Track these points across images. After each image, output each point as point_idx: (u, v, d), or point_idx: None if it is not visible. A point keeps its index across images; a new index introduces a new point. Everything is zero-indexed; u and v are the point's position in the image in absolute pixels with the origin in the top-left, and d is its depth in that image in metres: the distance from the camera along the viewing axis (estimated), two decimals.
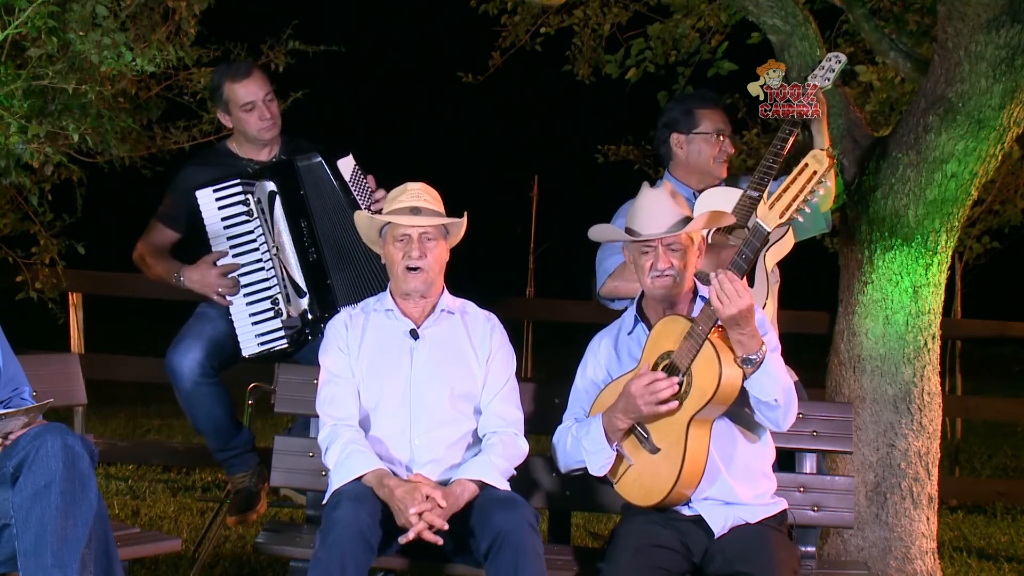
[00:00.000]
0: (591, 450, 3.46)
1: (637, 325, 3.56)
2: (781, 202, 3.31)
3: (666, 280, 3.42)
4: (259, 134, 4.31)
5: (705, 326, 3.28)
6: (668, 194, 3.46)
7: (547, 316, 7.57)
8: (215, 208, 4.21)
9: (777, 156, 3.91)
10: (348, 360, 3.63)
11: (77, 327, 6.12)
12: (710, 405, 3.29)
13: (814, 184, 3.27)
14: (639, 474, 3.42)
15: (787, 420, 3.38)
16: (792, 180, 3.30)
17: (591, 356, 3.65)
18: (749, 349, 3.27)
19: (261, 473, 4.42)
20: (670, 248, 3.41)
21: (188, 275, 4.24)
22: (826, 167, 3.25)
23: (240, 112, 4.29)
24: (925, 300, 4.37)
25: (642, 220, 3.44)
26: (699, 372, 3.29)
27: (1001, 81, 4.09)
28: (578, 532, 5.63)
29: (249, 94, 4.28)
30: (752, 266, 3.95)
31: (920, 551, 4.38)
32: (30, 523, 3.03)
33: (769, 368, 3.29)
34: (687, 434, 3.31)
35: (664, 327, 3.41)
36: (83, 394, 3.98)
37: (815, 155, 3.28)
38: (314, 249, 4.21)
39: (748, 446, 3.46)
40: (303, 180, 4.21)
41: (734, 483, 3.41)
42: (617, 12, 6.09)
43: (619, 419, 3.40)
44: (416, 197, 3.61)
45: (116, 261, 5.77)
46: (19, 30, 3.73)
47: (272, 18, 5.47)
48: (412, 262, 3.56)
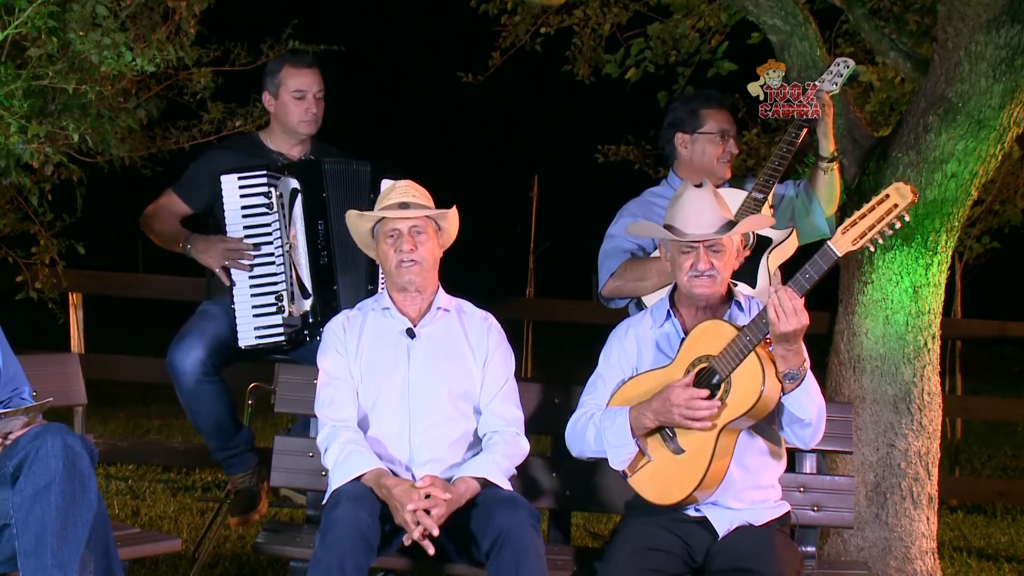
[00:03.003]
0: (614, 443, 3.43)
1: (669, 320, 3.52)
2: (856, 229, 3.22)
3: (706, 281, 3.40)
4: (298, 126, 4.33)
5: (754, 337, 3.24)
6: (712, 194, 3.44)
7: (547, 316, 7.58)
8: (237, 195, 4.21)
9: (783, 158, 3.91)
10: (346, 362, 3.63)
11: (77, 327, 6.12)
12: (745, 416, 3.27)
13: (893, 217, 3.19)
14: (657, 471, 3.39)
15: (815, 439, 3.38)
16: (871, 208, 3.21)
17: (616, 344, 3.59)
18: (792, 365, 3.24)
19: (260, 473, 4.41)
20: (711, 249, 3.39)
21: (195, 243, 4.25)
22: (908, 202, 3.17)
23: (289, 98, 4.31)
24: (925, 300, 4.37)
25: (686, 219, 3.40)
26: (740, 382, 3.26)
27: (1001, 81, 4.09)
28: (578, 532, 5.62)
29: (304, 84, 4.31)
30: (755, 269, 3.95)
31: (920, 551, 4.38)
32: (30, 523, 3.02)
33: (808, 386, 3.28)
34: (716, 442, 3.29)
35: (706, 330, 3.37)
36: (83, 394, 3.98)
37: (898, 188, 3.20)
38: (326, 252, 4.21)
39: (763, 457, 3.45)
40: (327, 182, 4.20)
41: (743, 492, 3.41)
42: (617, 12, 6.09)
43: (648, 418, 3.37)
44: (404, 193, 3.62)
45: (116, 261, 5.78)
46: (19, 30, 3.73)
47: (272, 18, 5.47)
48: (404, 256, 3.57)
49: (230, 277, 4.19)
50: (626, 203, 4.17)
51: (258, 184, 4.22)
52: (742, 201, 3.91)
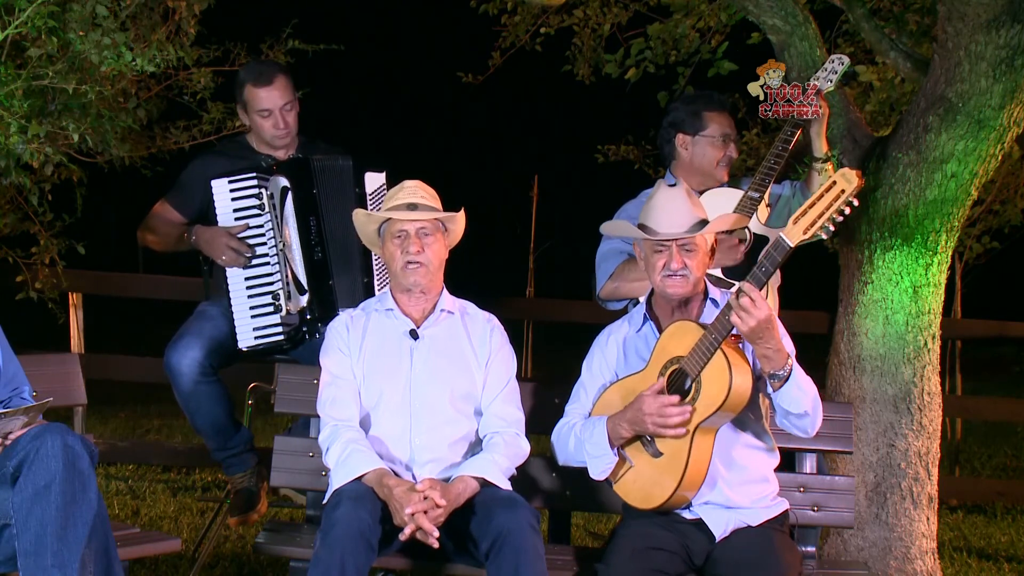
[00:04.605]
0: (594, 454, 3.45)
1: (646, 324, 3.53)
2: (806, 218, 3.21)
3: (678, 280, 3.40)
4: (272, 140, 4.35)
5: (719, 334, 3.24)
6: (685, 193, 3.43)
7: (547, 316, 7.58)
8: (228, 199, 4.23)
9: (779, 157, 3.91)
10: (349, 362, 3.63)
11: (77, 327, 6.12)
12: (718, 414, 3.27)
13: (841, 203, 3.19)
14: (639, 476, 3.41)
15: (815, 427, 3.37)
16: (819, 197, 3.20)
17: (598, 351, 3.61)
18: (776, 364, 3.24)
19: (260, 473, 4.42)
20: (684, 248, 3.39)
21: (200, 233, 4.27)
22: (855, 186, 3.19)
23: (256, 116, 4.32)
24: (925, 300, 4.37)
25: (658, 218, 3.41)
26: (708, 381, 3.27)
27: (1001, 81, 4.09)
28: (578, 532, 5.62)
29: (267, 101, 4.29)
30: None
31: (920, 551, 4.38)
32: (30, 523, 3.02)
33: (798, 380, 3.26)
34: (691, 442, 3.29)
35: (674, 332, 3.38)
36: (83, 394, 3.98)
37: (844, 174, 3.20)
38: (320, 249, 4.21)
39: (751, 451, 3.45)
40: (317, 179, 4.21)
41: (735, 488, 3.40)
42: (617, 12, 6.09)
43: (624, 428, 3.38)
44: (413, 194, 3.61)
45: (116, 261, 5.78)
46: (19, 30, 3.73)
47: (272, 18, 5.47)
48: (411, 257, 3.56)
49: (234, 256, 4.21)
50: (624, 204, 4.17)
51: (248, 186, 4.23)
52: (738, 201, 3.91)
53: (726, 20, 5.89)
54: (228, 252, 4.20)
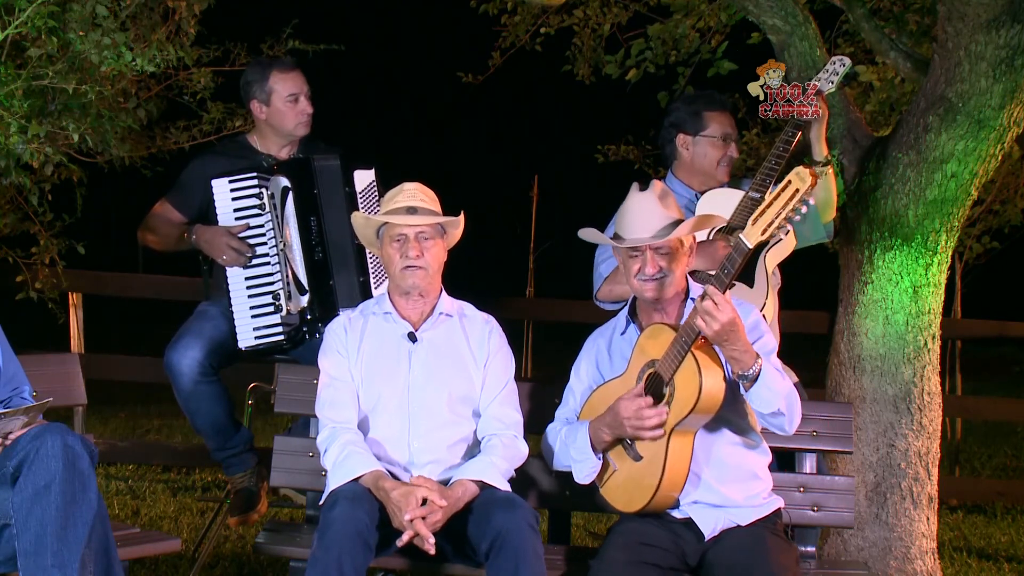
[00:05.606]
0: (578, 459, 3.47)
1: (629, 326, 3.55)
2: (764, 219, 3.21)
3: (653, 284, 3.40)
4: (295, 129, 4.36)
5: (688, 338, 3.25)
6: (656, 197, 3.41)
7: (547, 316, 7.57)
8: (229, 199, 4.24)
9: (780, 157, 3.91)
10: (347, 364, 3.63)
11: (77, 327, 6.12)
12: (692, 416, 3.27)
13: (796, 202, 3.18)
14: (623, 480, 3.42)
15: (793, 424, 3.36)
16: (775, 197, 3.20)
17: (585, 356, 3.64)
18: (744, 365, 3.24)
19: (260, 473, 4.42)
20: (658, 252, 3.39)
21: (200, 232, 4.27)
22: (809, 185, 3.18)
23: (282, 103, 4.32)
24: (925, 300, 4.37)
25: (628, 225, 3.41)
26: (681, 383, 3.27)
27: (1001, 81, 4.09)
28: (578, 532, 5.62)
29: (295, 87, 4.33)
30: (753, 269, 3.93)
31: (920, 551, 4.38)
32: (30, 523, 3.02)
33: (767, 380, 3.26)
34: (668, 445, 3.30)
35: (650, 334, 3.40)
36: (83, 394, 3.98)
37: (798, 172, 3.20)
38: (320, 249, 4.21)
39: (737, 448, 3.44)
40: (318, 179, 4.21)
41: (722, 486, 3.39)
42: (617, 12, 6.09)
43: (604, 432, 3.40)
44: (412, 197, 3.60)
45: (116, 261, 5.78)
46: (19, 30, 3.73)
47: (272, 18, 5.47)
48: (410, 261, 3.56)
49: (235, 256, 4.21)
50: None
51: (249, 186, 4.24)
52: (739, 201, 3.91)
53: (726, 20, 5.89)
54: (228, 252, 4.21)
